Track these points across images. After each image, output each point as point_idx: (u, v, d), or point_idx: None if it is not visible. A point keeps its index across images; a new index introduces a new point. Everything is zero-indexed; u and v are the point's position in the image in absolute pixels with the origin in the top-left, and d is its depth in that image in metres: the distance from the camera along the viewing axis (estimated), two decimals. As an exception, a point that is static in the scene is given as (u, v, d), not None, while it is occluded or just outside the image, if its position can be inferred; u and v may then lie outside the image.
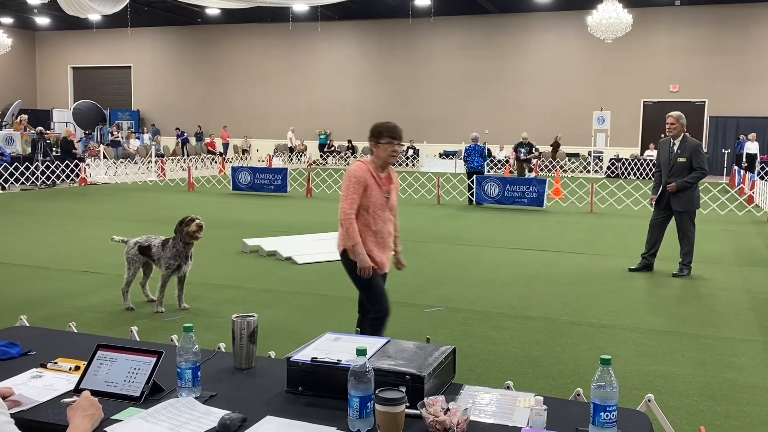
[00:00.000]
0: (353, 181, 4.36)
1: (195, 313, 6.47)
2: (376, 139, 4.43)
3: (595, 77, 29.90)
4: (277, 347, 4.95)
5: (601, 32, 23.97)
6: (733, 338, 5.92)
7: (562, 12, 29.81)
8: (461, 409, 2.00)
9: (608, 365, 2.02)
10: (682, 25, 28.60)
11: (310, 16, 31.57)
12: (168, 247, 6.36)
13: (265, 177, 18.93)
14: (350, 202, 4.35)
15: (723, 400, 4.55)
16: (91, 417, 2.01)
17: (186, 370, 2.26)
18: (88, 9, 20.63)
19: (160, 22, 34.93)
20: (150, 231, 7.80)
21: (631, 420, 2.14)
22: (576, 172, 28.25)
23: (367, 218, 4.42)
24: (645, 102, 29.55)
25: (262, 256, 9.39)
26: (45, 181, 19.74)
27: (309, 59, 34.31)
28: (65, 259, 9.01)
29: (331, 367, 2.29)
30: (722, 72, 28.21)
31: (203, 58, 36.10)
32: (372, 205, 4.39)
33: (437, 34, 32.06)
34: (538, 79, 30.69)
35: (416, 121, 32.58)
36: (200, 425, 2.05)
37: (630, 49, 28.68)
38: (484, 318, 6.45)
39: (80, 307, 6.66)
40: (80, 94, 37.75)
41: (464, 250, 10.11)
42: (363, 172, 4.38)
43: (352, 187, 4.35)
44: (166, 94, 36.86)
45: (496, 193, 16.20)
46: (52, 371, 2.49)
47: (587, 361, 5.27)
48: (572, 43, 30.00)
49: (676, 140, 8.29)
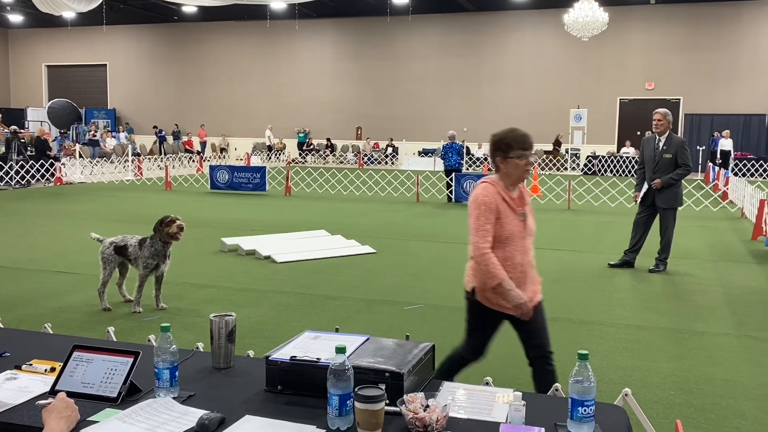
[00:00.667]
0: (482, 209, 3.53)
1: (173, 313, 6.42)
2: (504, 153, 3.58)
3: (571, 75, 30.13)
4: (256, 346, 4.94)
5: (577, 30, 24.16)
6: (708, 332, 6.00)
7: (539, 10, 29.99)
8: (440, 406, 2.00)
9: (586, 360, 2.04)
10: (657, 23, 28.91)
11: (288, 14, 31.44)
12: (146, 247, 6.31)
13: (243, 176, 18.84)
14: (483, 234, 3.52)
15: (699, 393, 4.60)
16: (67, 419, 1.99)
17: (164, 370, 2.24)
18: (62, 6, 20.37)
19: (135, 20, 34.60)
20: (127, 231, 7.73)
21: (609, 414, 2.16)
22: (553, 170, 28.45)
23: (504, 251, 3.57)
24: (621, 99, 29.83)
25: (240, 255, 9.34)
26: (19, 180, 19.47)
27: (287, 57, 34.18)
28: (40, 260, 8.89)
29: (310, 365, 2.29)
30: (697, 70, 28.55)
31: (180, 56, 35.82)
32: (509, 235, 3.57)
33: (415, 32, 32.11)
34: (516, 77, 30.86)
35: (395, 119, 32.63)
36: (178, 425, 2.04)
37: (606, 47, 28.94)
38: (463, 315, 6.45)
39: (56, 307, 6.59)
40: (55, 92, 37.28)
41: (443, 248, 10.13)
42: (492, 195, 3.56)
43: (482, 216, 3.53)
44: (142, 92, 36.53)
45: (475, 191, 16.22)
46: (27, 373, 2.46)
47: (566, 356, 5.30)
48: (549, 41, 30.19)
49: (661, 137, 8.34)
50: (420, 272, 8.38)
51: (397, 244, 10.40)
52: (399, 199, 16.95)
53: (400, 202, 16.48)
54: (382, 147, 32.63)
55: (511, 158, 3.56)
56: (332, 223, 12.38)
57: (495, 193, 3.57)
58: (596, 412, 2.01)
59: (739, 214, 14.56)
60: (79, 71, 37.60)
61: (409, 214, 14.22)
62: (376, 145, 32.87)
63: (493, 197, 3.55)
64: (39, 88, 38.18)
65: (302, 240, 10.15)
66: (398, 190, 18.35)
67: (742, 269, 8.81)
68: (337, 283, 7.71)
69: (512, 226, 3.58)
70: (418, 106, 32.27)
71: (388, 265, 8.76)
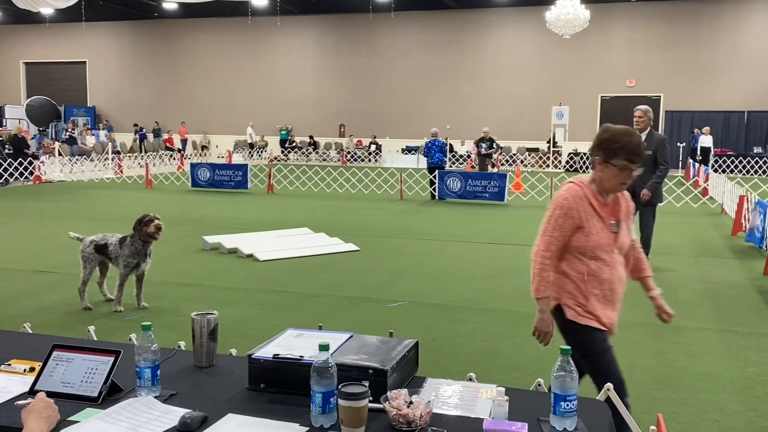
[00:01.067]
0: (558, 213, 3.13)
1: (155, 312, 6.37)
2: (607, 157, 3.08)
3: (553, 72, 30.27)
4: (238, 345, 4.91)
5: (559, 28, 24.27)
6: (688, 327, 6.05)
7: (520, 8, 30.10)
8: (424, 402, 2.00)
9: (568, 355, 2.05)
10: (638, 20, 29.12)
11: (270, 11, 31.30)
12: (126, 245, 6.26)
13: (225, 173, 18.74)
14: (547, 241, 3.14)
15: (679, 388, 4.65)
16: (47, 419, 1.97)
17: (145, 369, 2.22)
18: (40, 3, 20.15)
19: (115, 17, 34.28)
20: (108, 229, 7.66)
21: (591, 409, 2.17)
22: (536, 167, 28.58)
23: (586, 265, 3.13)
24: (603, 97, 30.02)
25: (222, 253, 9.29)
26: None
27: (268, 54, 34.04)
28: (19, 259, 8.79)
29: (293, 363, 2.27)
30: (678, 67, 28.80)
31: (160, 53, 35.55)
32: (593, 248, 3.10)
33: (398, 29, 32.10)
34: (498, 75, 30.95)
35: (378, 117, 32.61)
36: (160, 424, 2.02)
37: (587, 44, 29.11)
38: (447, 312, 6.49)
39: (35, 307, 6.51)
40: (33, 90, 36.85)
41: (427, 245, 10.15)
42: (577, 199, 3.10)
43: (554, 221, 3.14)
44: (122, 89, 36.22)
45: (458, 188, 16.29)
46: (5, 373, 2.43)
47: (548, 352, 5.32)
48: (531, 38, 30.31)
49: (642, 134, 8.41)
50: (404, 269, 8.39)
51: (381, 241, 10.40)
52: (382, 197, 16.95)
53: (383, 199, 16.48)
54: (365, 144, 32.62)
55: (612, 164, 3.07)
56: (315, 220, 12.35)
57: (581, 197, 3.09)
58: (578, 407, 2.02)
59: (719, 210, 14.71)
60: (57, 68, 37.20)
61: (392, 212, 14.22)
62: (359, 142, 32.84)
63: (577, 202, 3.09)
64: (17, 85, 37.72)
65: (285, 238, 10.12)
66: (381, 188, 18.35)
67: (722, 264, 8.90)
68: (321, 281, 7.70)
69: (598, 237, 3.08)
70: (401, 103, 32.28)
71: (372, 263, 8.76)
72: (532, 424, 2.01)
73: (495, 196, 15.91)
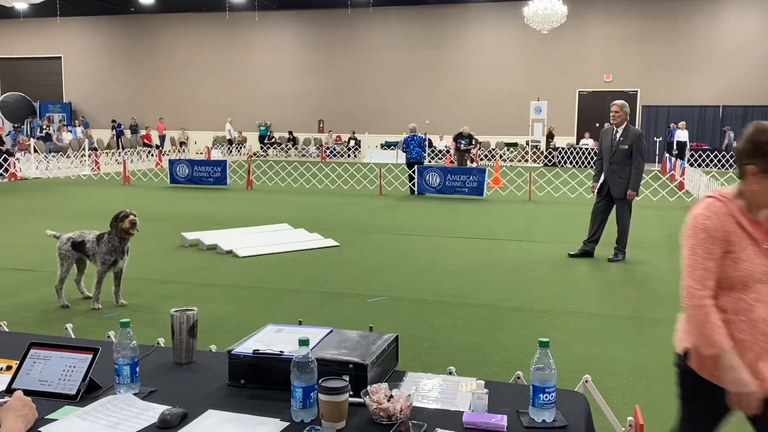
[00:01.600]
0: (701, 239, 2.45)
1: (133, 309, 6.33)
2: (765, 165, 2.37)
3: (531, 68, 30.41)
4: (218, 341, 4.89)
5: (537, 23, 24.40)
6: (666, 319, 6.12)
7: (499, 3, 30.21)
8: (404, 396, 2.01)
9: (546, 348, 2.06)
10: (615, 16, 29.35)
11: (248, 6, 31.12)
12: (103, 242, 6.20)
13: (203, 169, 18.62)
14: (700, 276, 2.44)
15: (658, 379, 4.70)
16: (24, 417, 1.95)
17: (124, 366, 2.21)
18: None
19: (90, 11, 33.87)
20: (85, 226, 7.58)
21: (570, 400, 2.19)
22: (514, 162, 28.71)
23: (735, 302, 2.43)
24: (580, 92, 30.24)
25: (201, 249, 9.24)
26: (-29, 176, 18.97)
27: (247, 49, 33.84)
28: (-5, 257, 8.68)
29: (273, 358, 2.27)
30: (654, 62, 29.07)
31: (137, 49, 35.19)
32: (746, 277, 2.41)
33: (376, 24, 32.06)
34: (477, 70, 31.04)
35: (357, 112, 32.56)
36: (139, 421, 2.01)
37: (565, 40, 29.28)
38: (427, 306, 6.51)
39: (12, 305, 6.44)
40: (8, 86, 36.31)
41: (406, 240, 10.16)
42: (720, 218, 2.44)
43: (701, 248, 2.44)
44: (98, 85, 35.82)
45: (437, 183, 16.33)
46: (-19, 372, 2.40)
47: (528, 345, 5.37)
48: (509, 34, 30.42)
49: (618, 128, 8.50)
50: (383, 265, 8.40)
51: (360, 236, 10.40)
52: (362, 192, 16.95)
53: (362, 194, 16.48)
54: (344, 140, 32.56)
55: None
56: (295, 216, 12.32)
57: (725, 215, 2.44)
58: (557, 399, 2.04)
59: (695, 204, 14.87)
60: (32, 64, 36.70)
61: (372, 207, 14.22)
62: (338, 138, 32.78)
63: (721, 221, 2.43)
64: (-9, 81, 37.20)
65: (264, 234, 10.09)
66: (361, 183, 18.34)
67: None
68: (300, 277, 7.69)
69: (752, 265, 2.40)
70: (380, 98, 32.26)
71: (352, 258, 8.76)
72: (511, 416, 2.03)
73: (474, 191, 15.97)
